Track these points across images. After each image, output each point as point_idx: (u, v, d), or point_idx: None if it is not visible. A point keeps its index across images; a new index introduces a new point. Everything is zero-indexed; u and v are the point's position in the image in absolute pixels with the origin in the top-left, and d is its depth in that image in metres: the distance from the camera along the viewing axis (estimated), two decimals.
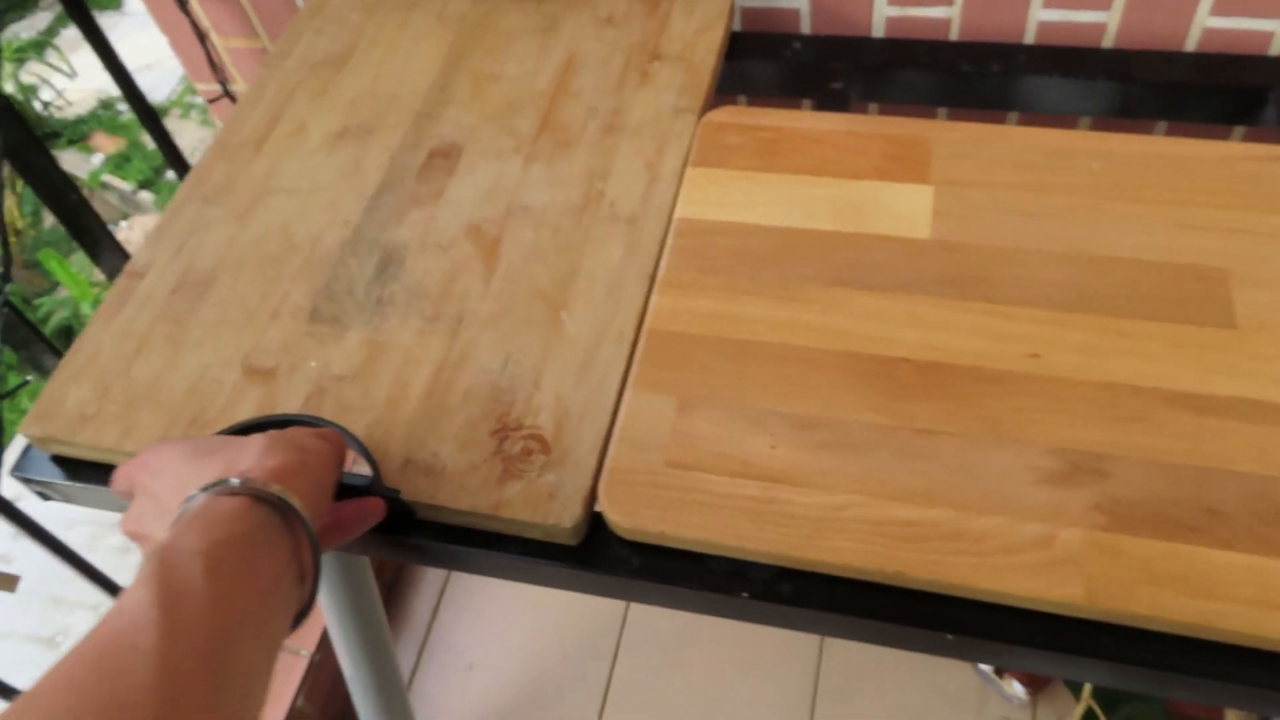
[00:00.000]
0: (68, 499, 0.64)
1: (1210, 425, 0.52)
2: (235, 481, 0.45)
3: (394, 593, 1.35)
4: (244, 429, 0.57)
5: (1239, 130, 0.83)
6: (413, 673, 1.29)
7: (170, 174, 2.16)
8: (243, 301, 0.65)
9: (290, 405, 0.60)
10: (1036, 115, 0.85)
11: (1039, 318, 0.57)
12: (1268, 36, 0.77)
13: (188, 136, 2.26)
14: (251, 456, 0.47)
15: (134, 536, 0.49)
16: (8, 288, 0.81)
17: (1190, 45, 0.79)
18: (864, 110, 0.88)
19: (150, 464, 0.49)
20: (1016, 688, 1.14)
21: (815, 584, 0.51)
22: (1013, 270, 0.59)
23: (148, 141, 2.20)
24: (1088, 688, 1.12)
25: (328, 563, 0.97)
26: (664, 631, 1.28)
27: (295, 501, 0.45)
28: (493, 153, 0.71)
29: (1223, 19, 0.76)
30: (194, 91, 2.29)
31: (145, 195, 2.16)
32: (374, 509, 0.54)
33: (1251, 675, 0.47)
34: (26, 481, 0.63)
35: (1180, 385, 0.53)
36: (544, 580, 0.57)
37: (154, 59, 2.32)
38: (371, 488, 0.55)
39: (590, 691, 1.24)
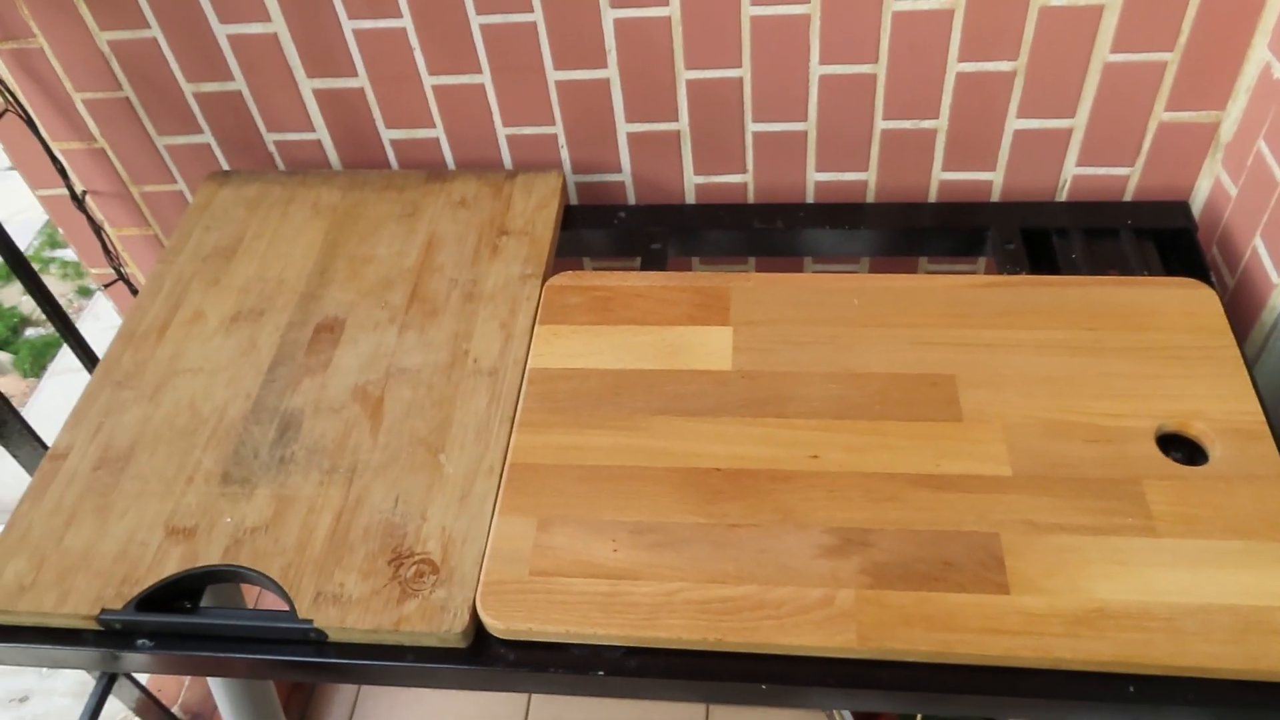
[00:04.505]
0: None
1: (944, 498, 0.68)
2: None
3: None
4: (170, 584, 0.68)
5: (982, 261, 1.03)
6: None
7: (31, 330, 2.16)
8: (160, 472, 0.76)
9: (211, 558, 0.70)
10: (823, 259, 1.04)
11: (816, 426, 0.73)
12: (988, 185, 0.97)
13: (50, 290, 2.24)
14: None
15: None
16: None
17: (932, 196, 0.99)
18: (683, 264, 1.05)
19: None
20: None
21: (656, 657, 0.64)
22: (795, 389, 0.75)
23: None
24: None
25: (231, 691, 1.05)
26: None
27: None
28: (370, 324, 0.85)
29: (952, 173, 0.97)
30: (52, 245, 2.33)
31: (3, 355, 2.14)
32: None
33: (989, 686, 0.62)
34: None
35: (922, 469, 0.69)
36: (441, 681, 0.68)
37: (10, 211, 2.34)
38: (287, 622, 0.66)
39: None
